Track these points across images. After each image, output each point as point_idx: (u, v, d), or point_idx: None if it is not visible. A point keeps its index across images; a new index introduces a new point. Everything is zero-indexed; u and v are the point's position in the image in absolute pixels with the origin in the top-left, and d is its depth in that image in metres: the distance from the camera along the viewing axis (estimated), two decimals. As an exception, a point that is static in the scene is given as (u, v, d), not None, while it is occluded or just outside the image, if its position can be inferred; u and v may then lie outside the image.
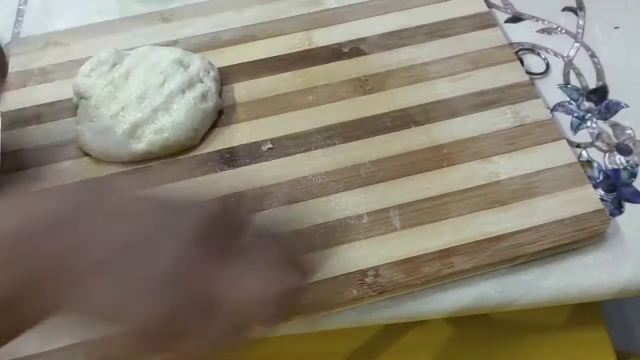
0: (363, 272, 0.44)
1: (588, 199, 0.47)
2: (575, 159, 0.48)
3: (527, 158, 0.49)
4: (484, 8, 0.58)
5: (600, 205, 0.46)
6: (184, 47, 0.56)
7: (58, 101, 0.53)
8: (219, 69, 0.55)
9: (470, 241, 0.45)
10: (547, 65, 0.56)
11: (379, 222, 0.46)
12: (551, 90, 0.55)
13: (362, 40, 0.56)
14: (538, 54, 0.56)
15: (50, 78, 0.55)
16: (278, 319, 0.28)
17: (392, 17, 0.58)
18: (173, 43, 0.57)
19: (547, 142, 0.50)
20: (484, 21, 0.57)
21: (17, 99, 0.53)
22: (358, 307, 0.44)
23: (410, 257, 0.44)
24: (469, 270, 0.44)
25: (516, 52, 0.56)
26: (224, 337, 0.26)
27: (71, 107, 0.53)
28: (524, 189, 0.47)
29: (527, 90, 0.53)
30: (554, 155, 0.49)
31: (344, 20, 0.58)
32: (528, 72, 0.54)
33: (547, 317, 0.62)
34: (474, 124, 0.51)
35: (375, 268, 0.44)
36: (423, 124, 0.51)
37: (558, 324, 0.62)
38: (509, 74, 0.54)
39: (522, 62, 0.56)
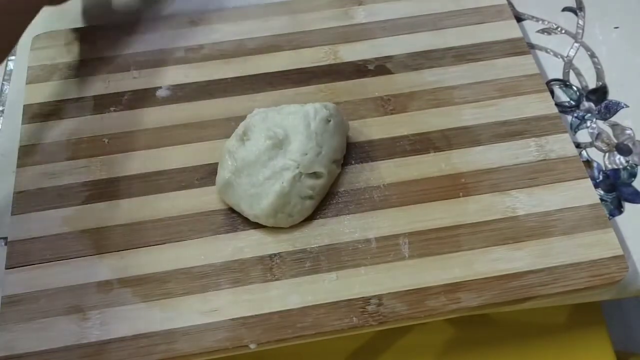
0: (366, 300, 0.43)
1: (608, 243, 0.45)
2: (597, 200, 0.47)
3: (547, 195, 0.47)
4: (517, 34, 0.56)
5: (620, 252, 0.44)
6: (208, 52, 0.56)
7: (81, 98, 0.54)
8: (241, 77, 0.54)
9: (480, 277, 0.43)
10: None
11: (388, 248, 0.45)
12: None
13: (389, 58, 0.55)
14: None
15: (75, 74, 0.55)
16: None
17: (422, 36, 0.57)
18: (199, 47, 0.56)
19: (570, 180, 0.48)
20: (516, 48, 0.55)
21: (40, 93, 0.54)
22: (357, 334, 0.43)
23: (416, 289, 0.43)
24: (475, 308, 0.43)
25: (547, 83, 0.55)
26: None
27: (92, 105, 0.53)
28: (540, 227, 0.46)
29: (554, 124, 0.51)
30: (576, 194, 0.47)
31: (373, 36, 0.57)
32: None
33: (547, 317, 0.62)
34: (496, 155, 0.49)
35: (379, 296, 0.43)
36: (443, 150, 0.50)
37: (558, 324, 0.62)
38: (536, 105, 0.52)
39: (552, 93, 0.54)
